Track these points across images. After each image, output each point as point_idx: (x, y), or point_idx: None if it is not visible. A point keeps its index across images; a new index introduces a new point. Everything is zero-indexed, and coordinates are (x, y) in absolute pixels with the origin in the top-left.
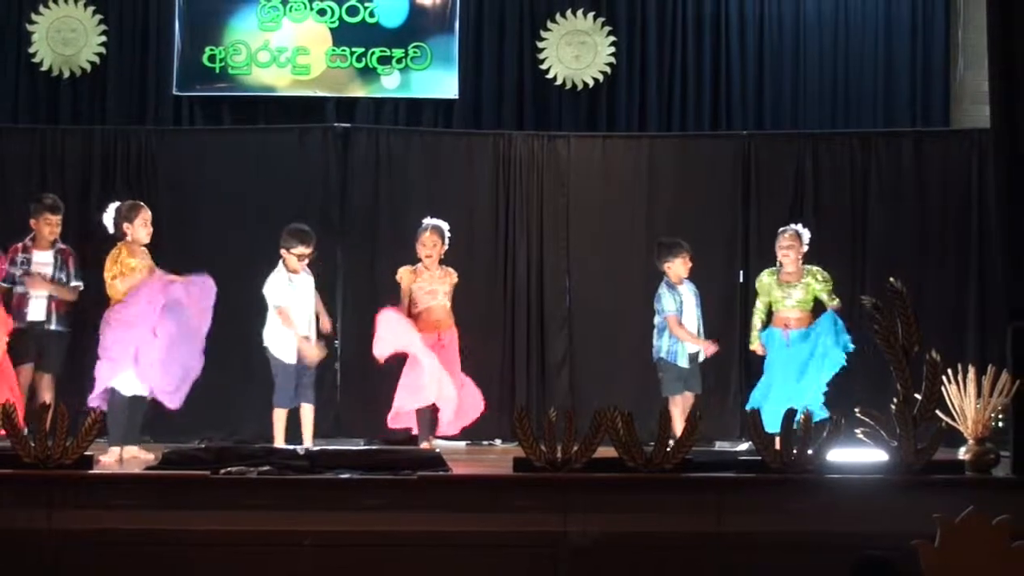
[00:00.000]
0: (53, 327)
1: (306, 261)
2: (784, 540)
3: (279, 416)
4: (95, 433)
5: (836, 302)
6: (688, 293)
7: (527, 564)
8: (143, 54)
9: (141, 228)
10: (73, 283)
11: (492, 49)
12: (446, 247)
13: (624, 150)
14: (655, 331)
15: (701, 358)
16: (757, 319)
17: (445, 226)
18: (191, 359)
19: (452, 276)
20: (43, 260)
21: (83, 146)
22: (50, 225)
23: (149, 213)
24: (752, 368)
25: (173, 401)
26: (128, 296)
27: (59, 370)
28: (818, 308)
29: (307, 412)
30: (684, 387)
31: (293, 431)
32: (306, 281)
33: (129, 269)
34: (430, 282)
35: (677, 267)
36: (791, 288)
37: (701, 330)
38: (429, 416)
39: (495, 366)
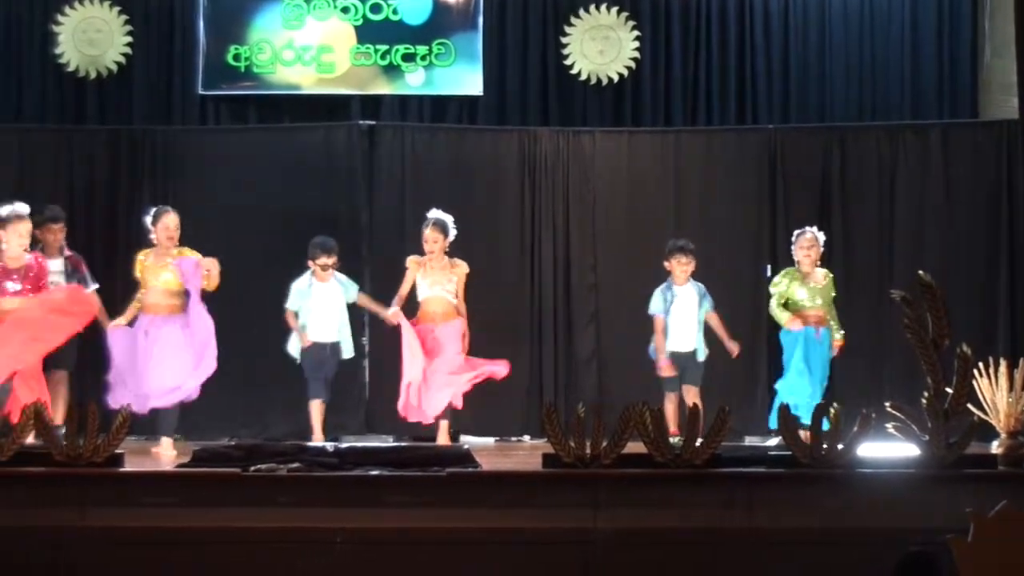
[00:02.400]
0: None
1: (329, 271)
2: (815, 536)
3: (313, 408)
4: (125, 431)
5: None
6: (687, 294)
7: (556, 560)
8: (168, 54)
9: (162, 232)
10: (90, 288)
11: (516, 45)
12: (449, 240)
13: (649, 145)
14: None
15: (702, 356)
16: (777, 311)
17: (448, 219)
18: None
19: (460, 268)
20: (55, 268)
21: (109, 146)
22: (53, 233)
23: (173, 218)
24: (777, 365)
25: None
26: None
27: (72, 367)
28: None
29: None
30: (680, 382)
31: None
32: (330, 289)
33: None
34: (432, 274)
35: (673, 267)
36: (814, 289)
37: (698, 332)
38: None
39: (523, 363)
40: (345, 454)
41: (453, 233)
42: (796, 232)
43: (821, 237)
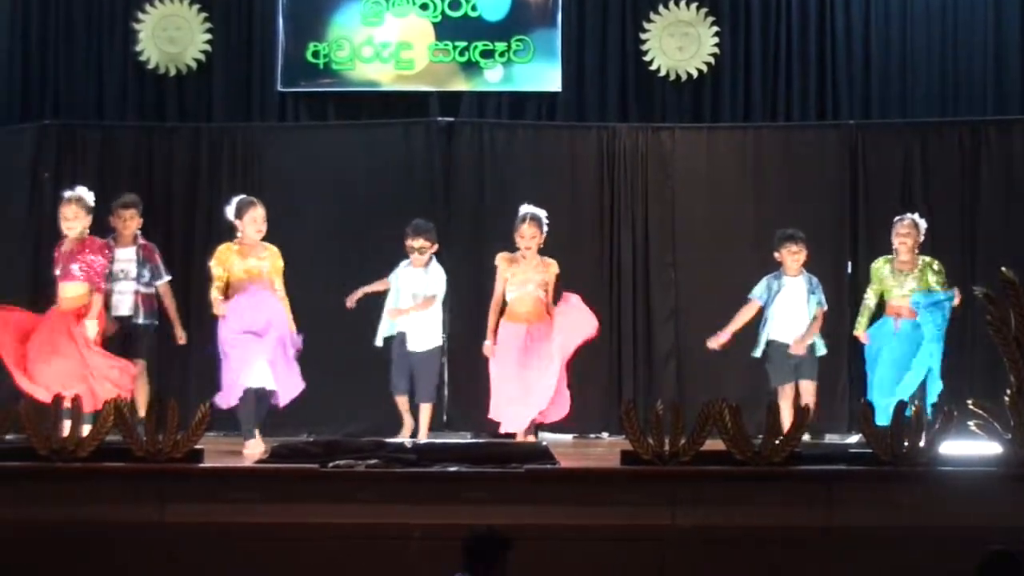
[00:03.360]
0: (140, 321)
1: (419, 254)
2: (895, 534)
3: (398, 402)
4: (205, 427)
5: (952, 292)
6: (797, 285)
7: (634, 557)
8: (248, 51)
9: (250, 225)
10: (163, 280)
11: (595, 41)
12: (544, 236)
13: (729, 141)
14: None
15: (821, 351)
16: (866, 305)
17: (543, 215)
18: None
19: (552, 268)
20: (125, 257)
21: (190, 144)
22: (123, 220)
23: (261, 210)
24: (860, 362)
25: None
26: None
27: (152, 361)
28: None
29: (423, 411)
30: (792, 376)
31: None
32: (416, 278)
33: (221, 273)
34: (524, 271)
35: (784, 257)
36: (905, 277)
37: (806, 323)
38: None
39: (602, 360)
40: (423, 450)
41: (546, 229)
42: (895, 218)
43: (922, 224)
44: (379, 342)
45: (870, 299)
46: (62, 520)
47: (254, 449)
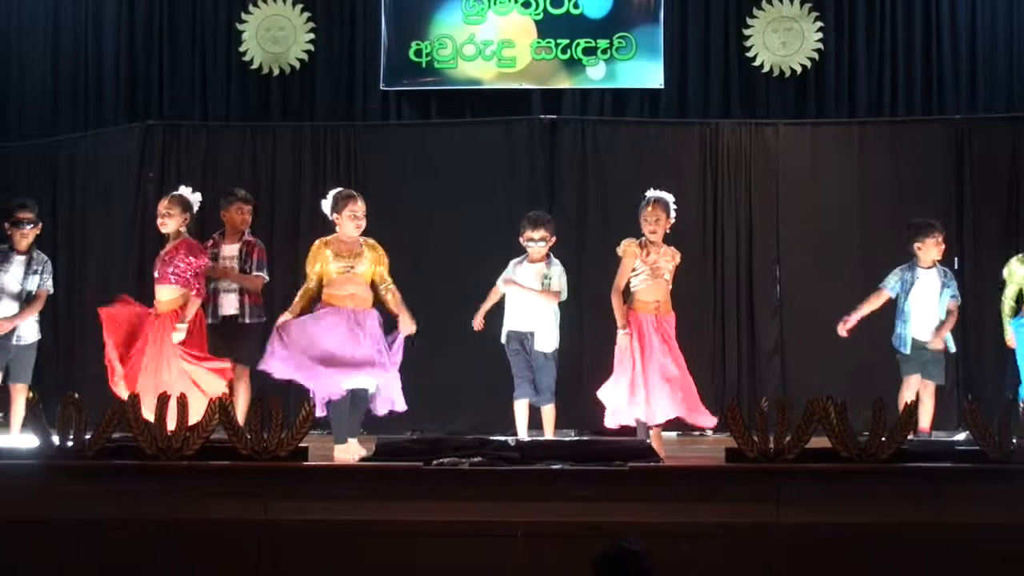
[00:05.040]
0: (247, 320)
1: (534, 246)
2: (1004, 532)
3: (516, 408)
4: (309, 425)
5: None
6: (930, 278)
7: (739, 555)
8: (350, 50)
9: (348, 221)
10: (255, 273)
11: (697, 38)
12: (672, 222)
13: (833, 137)
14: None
15: (951, 349)
16: (1006, 307)
17: (670, 199)
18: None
19: (676, 257)
20: (229, 253)
21: (293, 142)
22: (242, 214)
23: (360, 204)
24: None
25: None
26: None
27: (254, 362)
28: None
29: (545, 413)
30: (918, 372)
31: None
32: (536, 273)
33: (314, 271)
34: (652, 259)
35: (928, 246)
36: None
37: (940, 319)
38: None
39: (706, 357)
40: (527, 448)
41: (673, 215)
42: None
43: None
44: (504, 339)
45: (1008, 299)
46: (167, 518)
47: (344, 454)
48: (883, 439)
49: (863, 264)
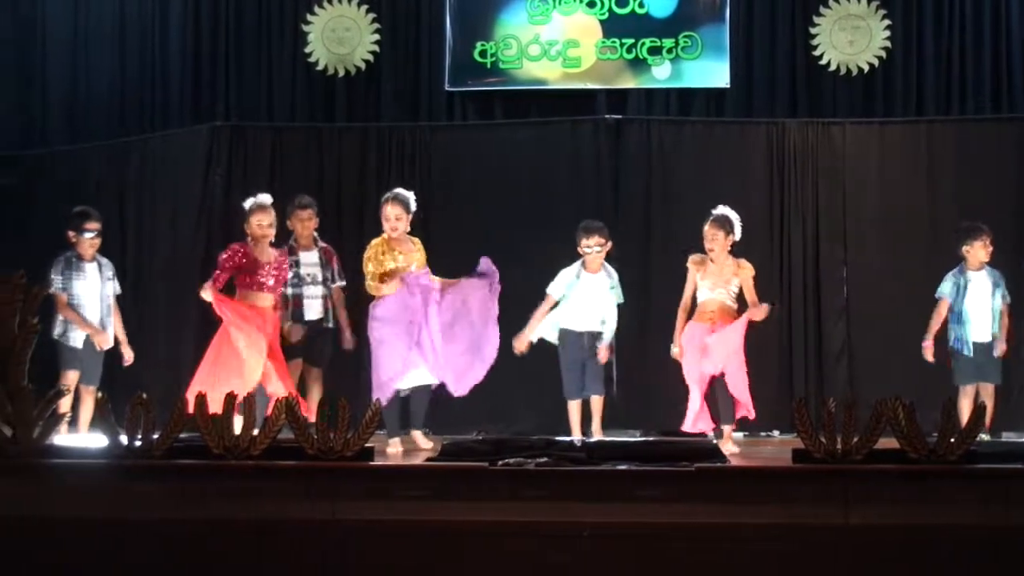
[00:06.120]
0: (330, 324)
1: (590, 252)
2: None
3: (570, 407)
4: (375, 425)
5: None
6: (982, 280)
7: (806, 556)
8: (415, 51)
9: (384, 223)
10: (337, 283)
11: (763, 36)
12: (735, 238)
13: (901, 136)
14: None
15: (997, 351)
16: None
17: (733, 216)
18: (479, 346)
19: (746, 270)
20: (310, 260)
21: (358, 144)
22: (302, 222)
23: (388, 208)
24: None
25: (458, 389)
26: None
27: (327, 364)
28: None
29: (595, 403)
30: (975, 378)
31: (584, 422)
32: (597, 281)
33: (381, 268)
34: (714, 274)
35: (976, 250)
36: None
37: (994, 321)
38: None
39: (772, 357)
40: (593, 448)
41: (739, 232)
42: None
43: None
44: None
45: None
46: (234, 518)
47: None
48: (952, 440)
49: (930, 265)
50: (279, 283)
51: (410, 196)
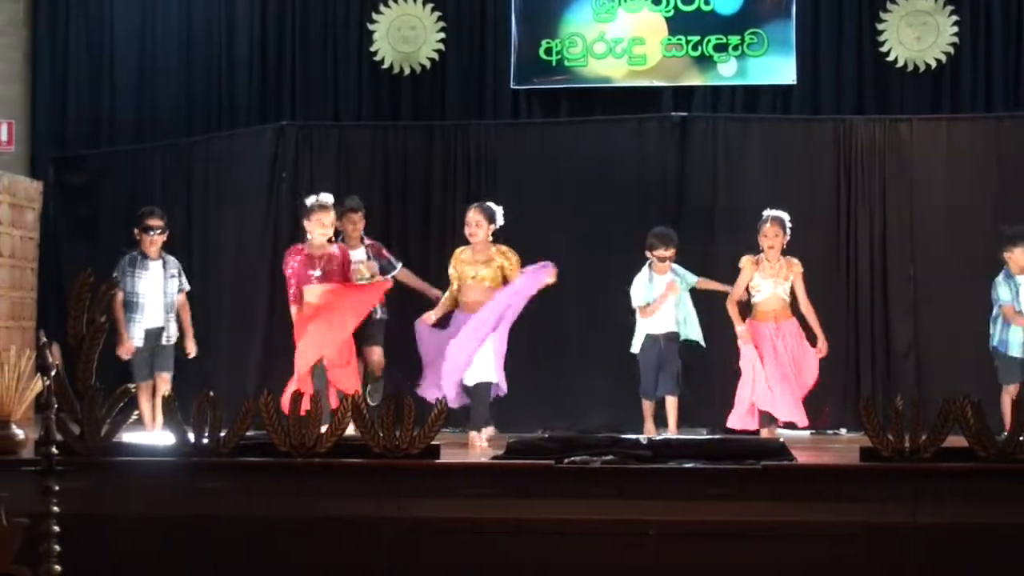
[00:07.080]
0: (378, 316)
1: (664, 264)
2: None
3: (645, 407)
4: (441, 423)
5: None
6: None
7: (874, 555)
8: (480, 49)
9: (465, 229)
10: (397, 268)
11: (830, 33)
12: (787, 238)
13: (970, 132)
14: (991, 319)
15: None
16: None
17: (786, 217)
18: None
19: (797, 268)
20: (357, 258)
21: (424, 142)
22: (353, 223)
23: (469, 214)
24: None
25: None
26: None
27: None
28: None
29: (669, 403)
30: (1017, 380)
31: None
32: (667, 281)
33: (455, 274)
34: (768, 274)
35: (1018, 256)
36: None
37: None
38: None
39: (839, 355)
40: (659, 447)
41: (789, 230)
42: None
43: None
44: (635, 349)
45: None
46: (300, 515)
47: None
48: (1021, 439)
49: (998, 263)
50: (340, 273)
51: (497, 209)
